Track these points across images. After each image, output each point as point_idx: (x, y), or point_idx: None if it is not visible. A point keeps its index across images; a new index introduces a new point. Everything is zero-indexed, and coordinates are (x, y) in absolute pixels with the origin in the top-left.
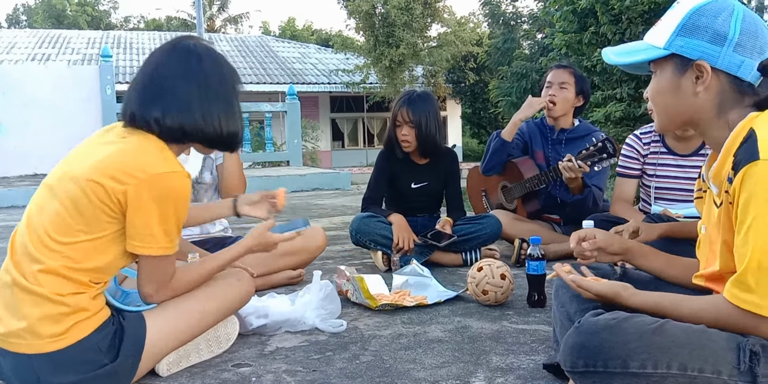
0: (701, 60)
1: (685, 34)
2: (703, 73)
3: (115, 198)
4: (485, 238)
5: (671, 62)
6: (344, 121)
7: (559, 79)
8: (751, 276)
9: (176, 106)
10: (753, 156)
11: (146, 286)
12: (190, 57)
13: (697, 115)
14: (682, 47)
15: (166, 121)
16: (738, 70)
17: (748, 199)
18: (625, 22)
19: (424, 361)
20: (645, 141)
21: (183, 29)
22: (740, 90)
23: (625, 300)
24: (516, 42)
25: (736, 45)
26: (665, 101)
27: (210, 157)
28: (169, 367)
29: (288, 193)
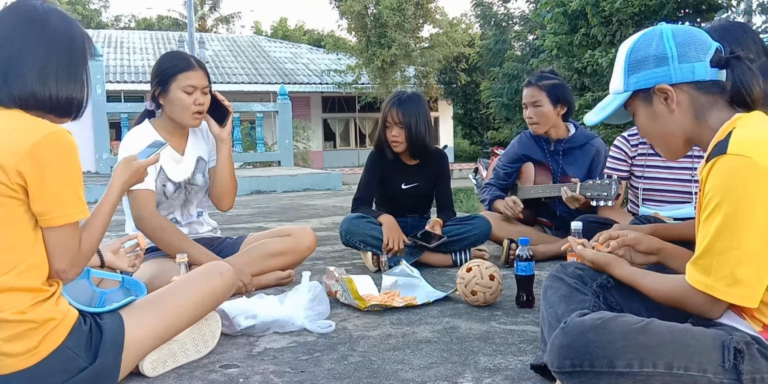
0: (658, 84)
1: (634, 71)
2: (667, 93)
3: (14, 183)
4: (475, 239)
5: (638, 99)
6: (336, 121)
7: (530, 98)
8: (707, 259)
9: (15, 72)
10: (721, 150)
11: (58, 261)
12: (32, 17)
13: (685, 130)
14: (637, 82)
15: (13, 91)
16: (694, 76)
17: (710, 189)
18: (615, 24)
19: (412, 362)
20: (633, 143)
21: (174, 28)
22: (708, 91)
23: (612, 269)
24: (507, 43)
25: (679, 57)
26: (654, 131)
27: (203, 160)
28: (154, 365)
29: (278, 194)
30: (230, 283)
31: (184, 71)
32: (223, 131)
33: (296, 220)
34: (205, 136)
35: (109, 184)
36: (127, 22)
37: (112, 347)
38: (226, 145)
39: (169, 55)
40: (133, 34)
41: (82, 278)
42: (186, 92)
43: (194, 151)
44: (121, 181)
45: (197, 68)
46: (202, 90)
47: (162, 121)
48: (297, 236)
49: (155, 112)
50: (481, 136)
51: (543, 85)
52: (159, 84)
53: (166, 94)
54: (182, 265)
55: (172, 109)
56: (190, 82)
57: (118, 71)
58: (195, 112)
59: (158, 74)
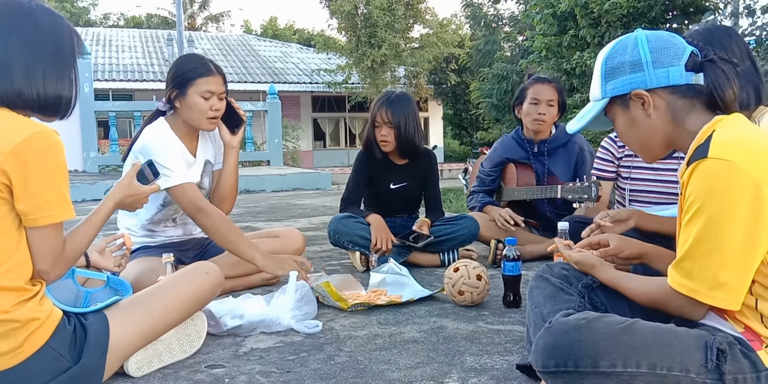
0: (634, 90)
1: (610, 78)
2: (644, 98)
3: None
4: (462, 239)
5: (616, 105)
6: (326, 121)
7: (546, 96)
8: (688, 263)
9: (1, 70)
10: (702, 154)
11: (41, 261)
12: (19, 14)
13: (664, 134)
14: (614, 89)
15: None
16: (669, 80)
17: (692, 192)
18: (604, 26)
19: (398, 362)
20: (620, 144)
21: (163, 27)
22: (684, 96)
23: (597, 272)
24: (497, 44)
25: (653, 62)
26: (633, 136)
27: (210, 163)
28: (139, 365)
29: (267, 193)
30: (216, 283)
31: (203, 76)
32: (234, 139)
33: (285, 220)
34: (213, 138)
35: (106, 196)
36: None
37: (97, 347)
38: (234, 152)
39: (188, 58)
40: (121, 32)
41: (67, 278)
42: (203, 97)
43: (203, 154)
44: (118, 198)
45: (216, 74)
46: (219, 95)
47: (176, 121)
48: (285, 238)
49: (166, 112)
50: (471, 137)
51: (557, 87)
52: (176, 87)
53: (183, 98)
54: (168, 264)
55: (189, 113)
56: (208, 87)
57: (106, 69)
58: (211, 117)
59: (176, 77)
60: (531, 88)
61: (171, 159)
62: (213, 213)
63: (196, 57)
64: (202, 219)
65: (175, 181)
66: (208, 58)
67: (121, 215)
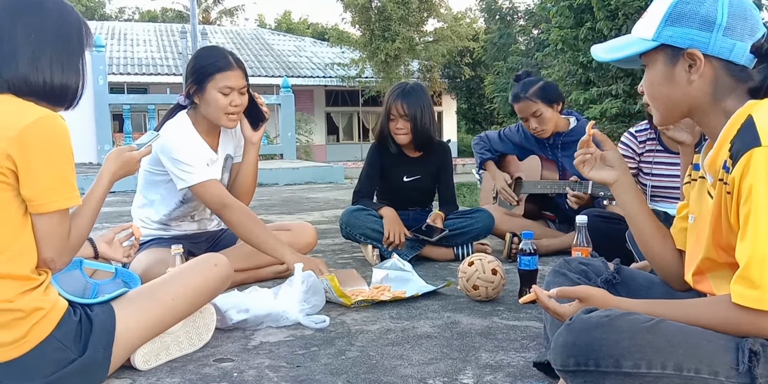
0: (692, 48)
1: (673, 24)
2: (696, 61)
3: (3, 167)
4: (477, 233)
5: (662, 53)
6: (339, 115)
7: (528, 111)
8: (755, 270)
9: (7, 56)
10: (754, 142)
11: (46, 249)
12: (28, 3)
13: (694, 104)
14: (671, 37)
15: (3, 75)
16: (730, 54)
17: (749, 188)
18: (621, 18)
19: (411, 357)
20: (640, 139)
21: (178, 21)
22: (734, 75)
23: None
24: (512, 37)
25: (726, 29)
26: (661, 93)
27: (231, 157)
28: (146, 358)
29: (280, 186)
30: (225, 275)
31: (222, 71)
32: (255, 135)
33: (297, 213)
34: (233, 132)
35: (99, 173)
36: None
37: (102, 339)
38: (255, 148)
39: (206, 51)
40: (136, 26)
41: (74, 269)
42: (222, 93)
43: (224, 148)
44: (110, 170)
45: (235, 68)
46: (239, 91)
47: (197, 116)
48: (296, 232)
49: (187, 106)
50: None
51: (533, 94)
52: (195, 82)
53: (202, 94)
54: (177, 256)
55: (208, 109)
56: (227, 82)
57: (121, 63)
58: (230, 113)
59: (194, 72)
60: (513, 106)
61: (192, 157)
62: (238, 208)
63: (215, 50)
64: (227, 215)
65: (198, 179)
66: (229, 51)
67: (135, 206)
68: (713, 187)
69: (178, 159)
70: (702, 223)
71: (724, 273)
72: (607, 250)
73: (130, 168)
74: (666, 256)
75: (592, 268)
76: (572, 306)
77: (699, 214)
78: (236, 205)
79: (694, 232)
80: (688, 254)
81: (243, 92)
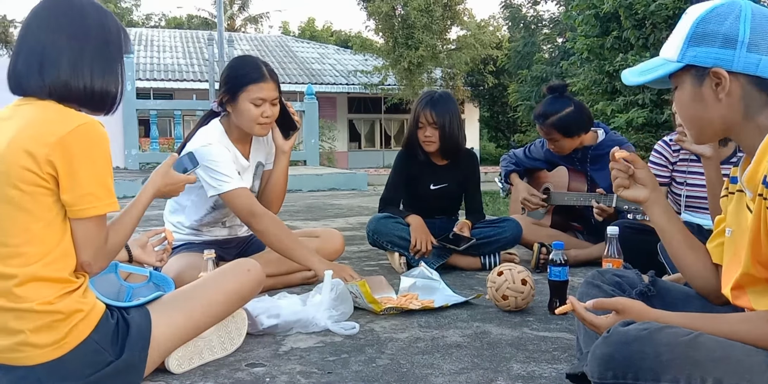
0: (716, 66)
1: (696, 44)
2: (721, 79)
3: (45, 173)
4: (505, 242)
5: (688, 74)
6: (361, 122)
7: (545, 135)
8: None
9: (49, 63)
10: None
11: (84, 253)
12: (68, 9)
13: (727, 122)
14: (695, 57)
15: (46, 81)
16: (757, 69)
17: None
18: (648, 27)
19: (442, 367)
20: (674, 148)
21: (203, 27)
22: (765, 90)
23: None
24: (536, 46)
25: (749, 45)
26: (692, 113)
27: (262, 164)
28: (180, 362)
29: (304, 192)
30: (258, 280)
31: (256, 82)
32: (286, 144)
33: (322, 220)
34: (265, 139)
35: (144, 186)
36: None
37: (139, 342)
38: (286, 156)
39: (240, 61)
40: (163, 33)
41: (109, 272)
42: (255, 104)
43: (256, 156)
44: (156, 186)
45: (269, 79)
46: (271, 102)
47: (230, 124)
48: (324, 238)
49: (220, 113)
50: (508, 139)
51: (549, 125)
52: (228, 92)
53: (235, 104)
54: (209, 261)
55: (240, 118)
56: (260, 94)
57: (147, 69)
58: (262, 123)
59: (228, 81)
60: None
61: (224, 165)
62: (267, 217)
63: (249, 60)
64: (256, 224)
65: (228, 187)
66: (263, 62)
67: (167, 211)
68: (752, 201)
69: (210, 166)
70: (740, 238)
71: (764, 288)
72: (639, 262)
73: (175, 190)
74: (700, 271)
75: (626, 279)
76: (609, 318)
77: (737, 228)
78: (265, 214)
79: (731, 246)
80: (726, 268)
81: (275, 103)
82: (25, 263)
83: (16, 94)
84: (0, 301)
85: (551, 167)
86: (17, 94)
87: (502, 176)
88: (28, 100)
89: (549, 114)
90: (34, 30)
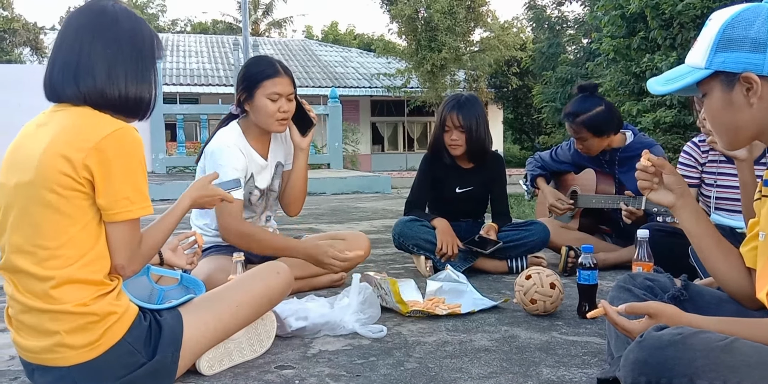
0: (746, 71)
1: (723, 50)
2: (752, 83)
3: (81, 177)
4: (532, 245)
5: (717, 80)
6: (384, 125)
7: (575, 134)
8: None
9: (85, 70)
10: None
11: (118, 256)
12: (102, 18)
13: (760, 126)
14: (723, 63)
15: (81, 89)
16: None
17: None
18: (676, 28)
19: (470, 371)
20: (703, 149)
21: (228, 32)
22: None
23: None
24: (561, 47)
25: None
26: (723, 120)
27: (281, 164)
28: (210, 363)
29: (328, 196)
30: (287, 283)
31: (270, 78)
32: (303, 141)
33: (347, 223)
34: (284, 139)
35: (182, 195)
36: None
37: (171, 344)
38: (304, 154)
39: (255, 60)
40: (188, 38)
41: (141, 275)
42: (271, 99)
43: (275, 156)
44: (192, 197)
45: (283, 75)
46: (287, 97)
47: (248, 124)
48: (351, 241)
49: (239, 115)
50: (532, 141)
51: (580, 122)
52: (245, 90)
53: (252, 101)
54: (238, 263)
55: (257, 115)
56: (275, 89)
57: (174, 74)
58: (280, 119)
59: (244, 80)
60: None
61: (224, 170)
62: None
63: (263, 59)
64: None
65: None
66: (276, 60)
67: (194, 214)
68: None
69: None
70: None
71: None
72: (669, 266)
73: (210, 202)
74: (733, 275)
75: (658, 283)
76: (642, 322)
77: None
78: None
79: (766, 250)
80: (760, 272)
81: (291, 99)
82: (61, 265)
83: (51, 101)
84: (37, 303)
85: (578, 170)
86: (53, 101)
87: (528, 180)
88: (64, 107)
89: (579, 112)
90: (70, 39)
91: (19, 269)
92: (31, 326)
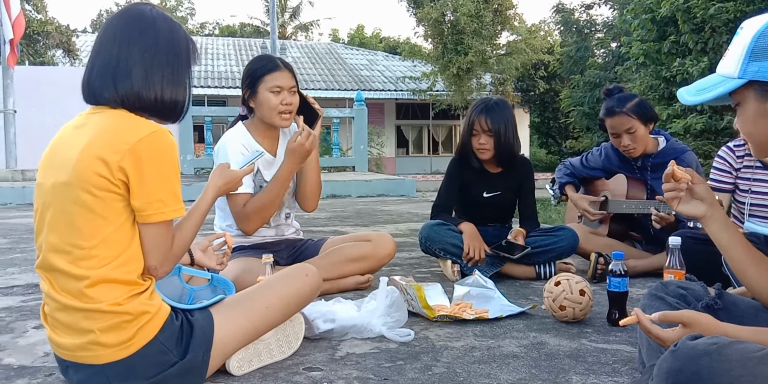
0: None
1: (757, 59)
2: None
3: (116, 179)
4: (561, 251)
5: (751, 90)
6: (409, 128)
7: (623, 127)
8: None
9: (122, 74)
10: None
11: (151, 258)
12: (140, 22)
13: None
14: (758, 72)
15: (119, 92)
16: None
17: None
18: (708, 32)
19: (499, 377)
20: (738, 154)
21: (256, 35)
22: None
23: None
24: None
25: None
26: (757, 130)
27: None
28: (240, 364)
29: (353, 198)
30: (316, 285)
31: (270, 72)
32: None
33: (372, 226)
34: (291, 134)
35: (204, 188)
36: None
37: (202, 344)
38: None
39: (255, 58)
40: (216, 41)
41: (173, 275)
42: (273, 92)
43: (283, 151)
44: (216, 186)
45: (283, 69)
46: (289, 90)
47: (254, 123)
48: (376, 242)
49: (248, 116)
50: (559, 146)
51: (629, 109)
52: (248, 87)
53: (255, 96)
54: (268, 265)
55: (261, 110)
56: (276, 82)
57: (202, 76)
58: (283, 112)
59: (247, 77)
60: (606, 121)
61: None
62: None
63: (263, 56)
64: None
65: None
66: (276, 56)
67: (217, 216)
68: None
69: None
70: None
71: None
72: (702, 274)
73: (234, 185)
74: (765, 285)
75: (691, 292)
76: (675, 331)
77: None
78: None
79: None
80: None
81: (293, 92)
82: (96, 265)
83: (89, 103)
84: (72, 301)
85: (609, 176)
86: (90, 103)
87: (557, 186)
88: (100, 109)
89: (624, 101)
90: (108, 43)
91: (55, 268)
92: (66, 324)
